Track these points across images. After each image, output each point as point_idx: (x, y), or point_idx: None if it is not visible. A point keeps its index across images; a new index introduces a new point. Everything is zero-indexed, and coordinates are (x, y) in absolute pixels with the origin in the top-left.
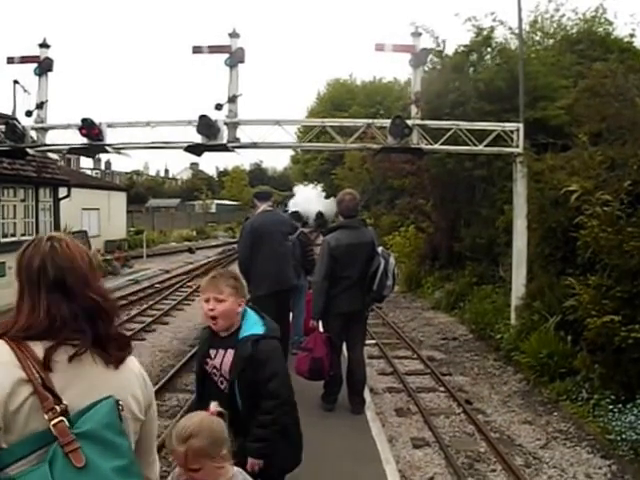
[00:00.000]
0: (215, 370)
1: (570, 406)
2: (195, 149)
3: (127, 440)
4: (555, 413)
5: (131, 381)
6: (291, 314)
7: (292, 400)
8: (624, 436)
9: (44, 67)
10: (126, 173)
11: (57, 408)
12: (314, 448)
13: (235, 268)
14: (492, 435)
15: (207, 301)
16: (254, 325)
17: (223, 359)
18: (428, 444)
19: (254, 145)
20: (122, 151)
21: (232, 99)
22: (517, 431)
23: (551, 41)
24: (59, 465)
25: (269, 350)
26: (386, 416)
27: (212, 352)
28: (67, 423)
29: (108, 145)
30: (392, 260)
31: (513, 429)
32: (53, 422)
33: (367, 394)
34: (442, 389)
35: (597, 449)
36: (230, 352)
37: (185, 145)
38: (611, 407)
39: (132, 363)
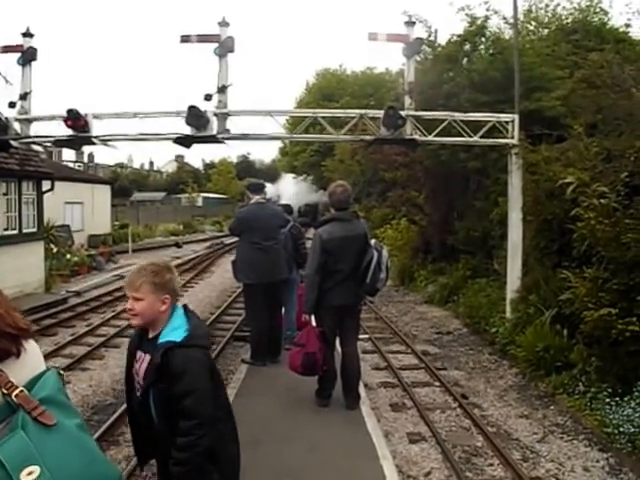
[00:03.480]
0: (136, 375)
1: (567, 400)
2: (184, 141)
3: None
4: (552, 407)
5: (40, 355)
6: (283, 308)
7: (218, 417)
8: (621, 429)
9: (28, 57)
10: (110, 166)
11: (13, 380)
12: (310, 444)
13: (223, 262)
14: (489, 429)
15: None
16: (175, 330)
17: (142, 364)
18: (424, 439)
19: (244, 136)
20: (109, 143)
21: (222, 89)
22: (514, 425)
23: (546, 31)
24: (31, 429)
25: (185, 362)
26: (381, 411)
27: (138, 354)
28: (27, 392)
29: (94, 137)
30: (385, 252)
31: (510, 423)
32: (15, 393)
33: (361, 389)
34: (437, 384)
35: (594, 442)
36: (148, 358)
37: (174, 137)
38: (608, 400)
39: (33, 344)
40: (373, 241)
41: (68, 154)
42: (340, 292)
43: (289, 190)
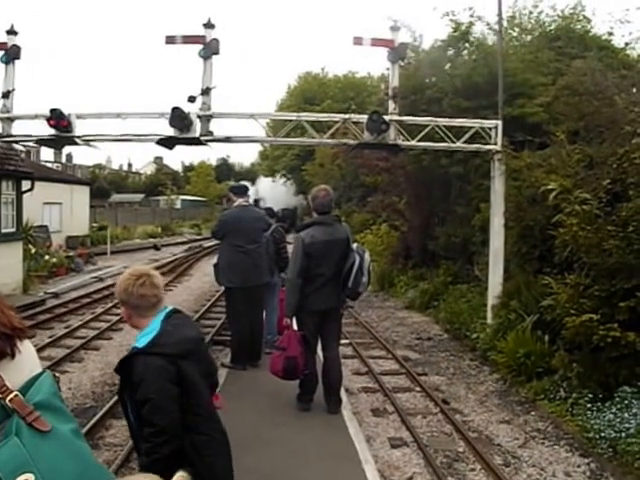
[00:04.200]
0: None
1: (548, 405)
2: (167, 142)
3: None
4: (533, 412)
5: (36, 356)
6: (264, 312)
7: (189, 427)
8: (603, 434)
9: (11, 54)
10: (88, 167)
11: (8, 385)
12: (291, 449)
13: (202, 266)
14: (470, 435)
15: None
16: (143, 336)
17: None
18: (406, 444)
19: (228, 139)
20: (91, 143)
21: (206, 91)
22: (495, 431)
23: (529, 37)
24: (25, 435)
25: (142, 370)
26: (362, 416)
27: None
28: (22, 397)
29: (77, 137)
30: (367, 257)
31: (491, 429)
32: (9, 398)
33: (342, 394)
34: (418, 389)
35: (576, 447)
36: None
37: (157, 138)
38: (589, 406)
39: (28, 344)
40: (355, 245)
41: (46, 154)
42: (322, 296)
43: (267, 193)
